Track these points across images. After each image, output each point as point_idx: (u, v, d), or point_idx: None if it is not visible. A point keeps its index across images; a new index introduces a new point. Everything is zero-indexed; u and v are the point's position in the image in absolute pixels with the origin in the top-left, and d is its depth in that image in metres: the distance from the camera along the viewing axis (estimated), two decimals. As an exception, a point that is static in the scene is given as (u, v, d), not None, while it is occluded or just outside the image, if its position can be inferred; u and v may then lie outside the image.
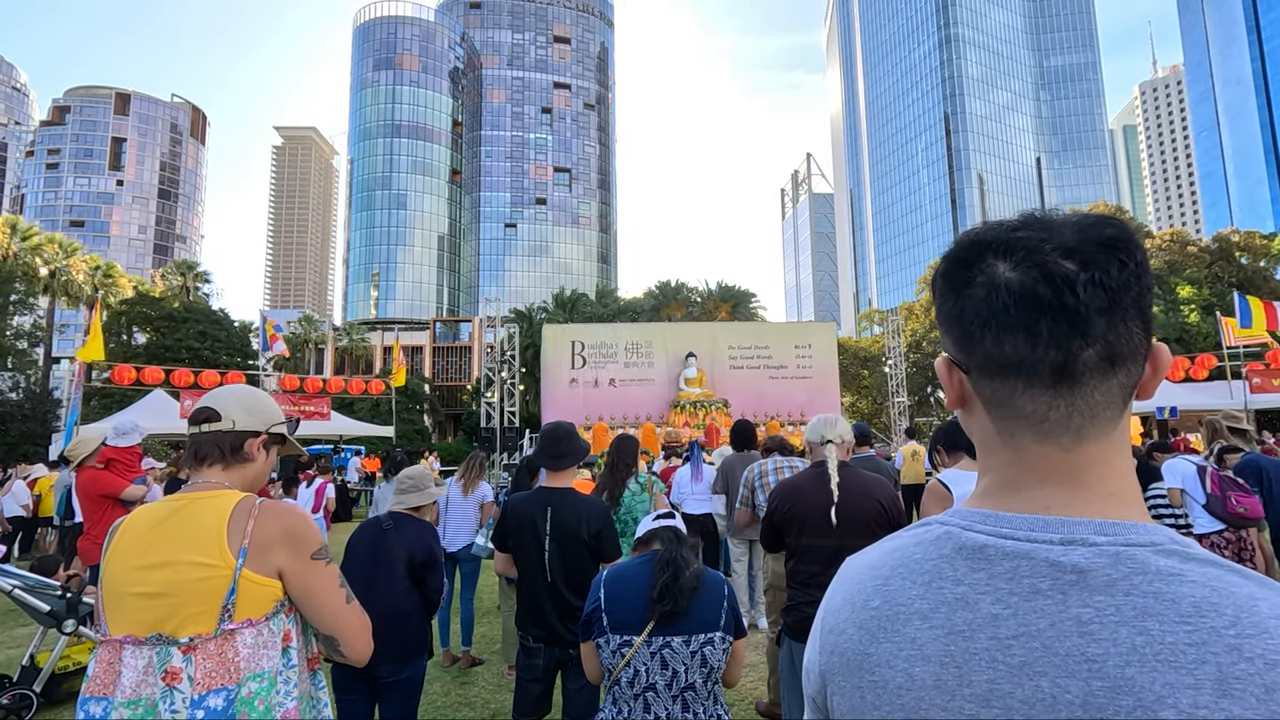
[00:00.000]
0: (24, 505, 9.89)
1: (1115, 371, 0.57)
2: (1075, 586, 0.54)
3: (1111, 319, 0.56)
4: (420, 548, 2.87)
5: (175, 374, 14.31)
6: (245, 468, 1.58)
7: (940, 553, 0.61)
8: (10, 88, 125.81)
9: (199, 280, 55.58)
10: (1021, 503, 0.60)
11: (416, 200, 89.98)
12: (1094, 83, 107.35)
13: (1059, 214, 0.63)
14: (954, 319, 0.63)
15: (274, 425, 1.64)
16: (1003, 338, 0.58)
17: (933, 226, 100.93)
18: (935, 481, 2.84)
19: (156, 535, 1.43)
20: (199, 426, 1.56)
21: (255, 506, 1.47)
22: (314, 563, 1.49)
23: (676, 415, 20.05)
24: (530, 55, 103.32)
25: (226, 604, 1.37)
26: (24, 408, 34.80)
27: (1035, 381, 0.58)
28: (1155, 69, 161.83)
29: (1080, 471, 0.59)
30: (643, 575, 2.11)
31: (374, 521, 2.98)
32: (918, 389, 42.50)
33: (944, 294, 0.64)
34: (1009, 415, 0.61)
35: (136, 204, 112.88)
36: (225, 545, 1.40)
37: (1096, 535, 0.56)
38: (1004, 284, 0.58)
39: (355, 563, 2.84)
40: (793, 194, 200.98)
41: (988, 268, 0.60)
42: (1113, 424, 0.59)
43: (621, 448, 4.25)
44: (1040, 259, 0.57)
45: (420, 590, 2.85)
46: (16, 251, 37.10)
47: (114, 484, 5.11)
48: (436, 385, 61.93)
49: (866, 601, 0.63)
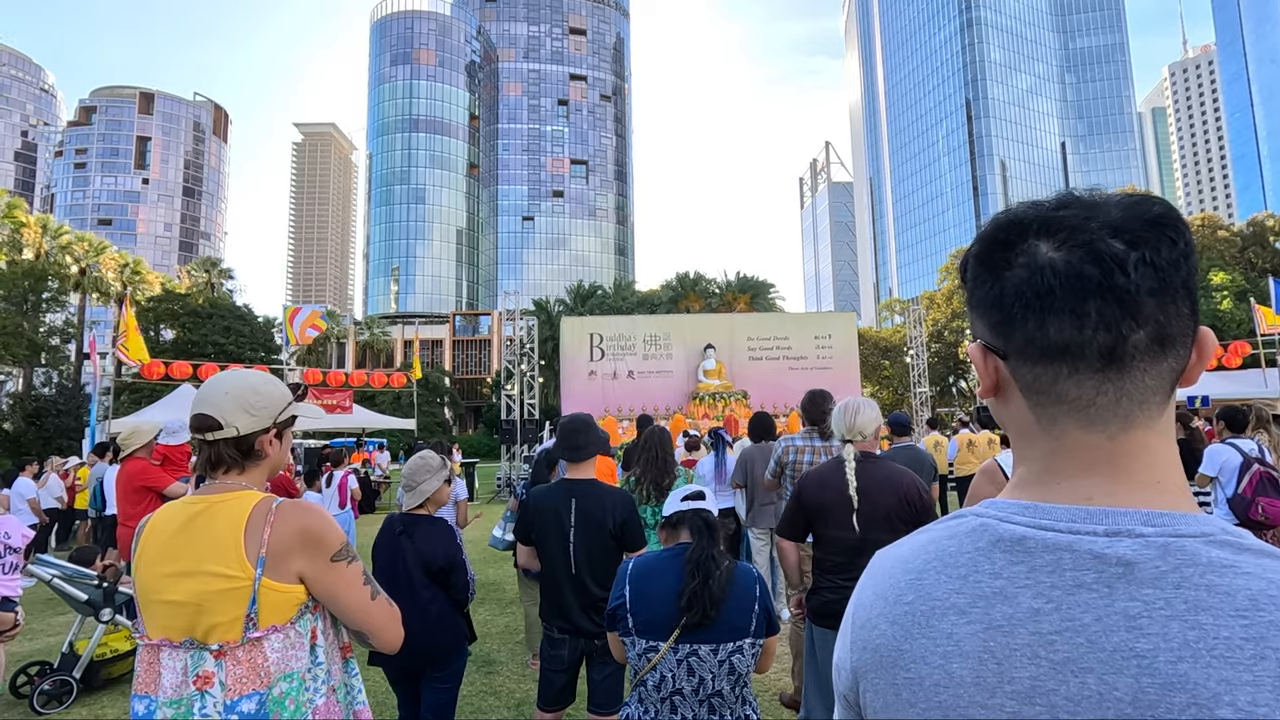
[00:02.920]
0: (58, 497, 10.16)
1: (1165, 355, 0.56)
2: (1122, 579, 0.52)
3: (1162, 300, 0.54)
4: (436, 552, 2.76)
5: (202, 369, 14.61)
6: (261, 463, 1.56)
7: (976, 545, 0.59)
8: (39, 89, 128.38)
9: (223, 277, 56.50)
10: (1062, 493, 0.58)
11: (435, 194, 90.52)
12: (1122, 64, 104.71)
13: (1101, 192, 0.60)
14: (991, 302, 0.60)
15: (280, 415, 1.58)
16: (1047, 320, 0.56)
17: (954, 214, 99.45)
18: (994, 463, 2.81)
19: (179, 541, 1.43)
20: (202, 435, 1.50)
21: (272, 511, 1.44)
22: (334, 565, 1.48)
23: (696, 407, 20.04)
24: (546, 48, 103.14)
25: (249, 614, 1.38)
26: (57, 403, 35.71)
27: (1082, 366, 0.56)
28: (1185, 49, 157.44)
29: (1125, 460, 0.57)
30: (670, 572, 2.05)
31: (389, 525, 2.89)
32: (940, 379, 42.05)
33: (978, 276, 0.62)
34: (1051, 402, 0.59)
35: (162, 202, 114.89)
36: (244, 554, 1.39)
37: (1143, 526, 0.54)
38: (1048, 264, 0.56)
39: (378, 571, 2.77)
40: (811, 183, 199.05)
41: (1029, 248, 0.58)
42: (1160, 409, 0.57)
43: (662, 439, 4.24)
44: (1087, 237, 0.55)
45: (446, 591, 2.79)
46: (48, 250, 37.97)
47: (160, 478, 5.18)
48: (457, 378, 62.51)
49: (900, 596, 0.61)
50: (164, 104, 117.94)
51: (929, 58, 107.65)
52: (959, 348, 40.77)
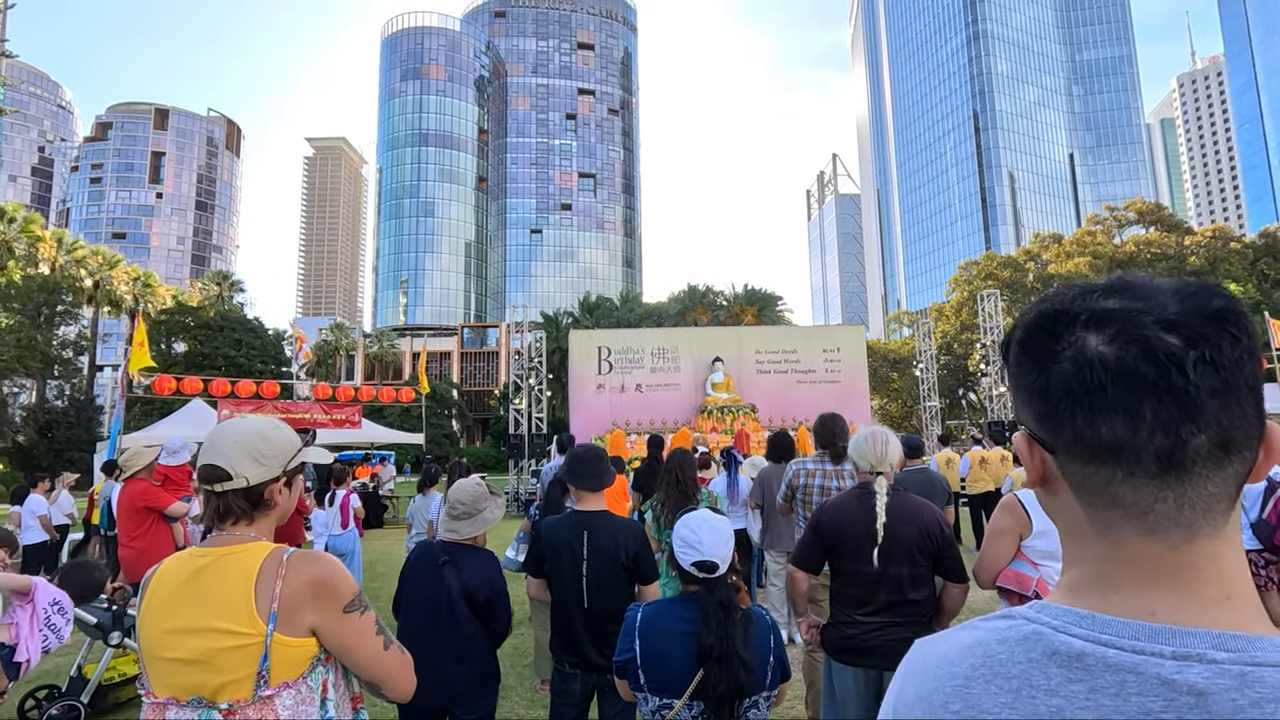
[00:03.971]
0: (68, 514, 10.19)
1: (1230, 459, 0.51)
2: (1194, 710, 0.47)
3: (1225, 401, 0.50)
4: (482, 583, 2.60)
5: (213, 384, 14.67)
6: (271, 513, 1.52)
7: (1030, 656, 0.54)
8: (56, 106, 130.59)
9: (234, 289, 57.01)
10: (1122, 605, 0.54)
11: (444, 208, 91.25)
12: (1129, 76, 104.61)
13: (1153, 280, 0.56)
14: (1037, 393, 0.56)
15: (290, 463, 1.55)
16: (1098, 419, 0.52)
17: (962, 226, 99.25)
18: (1014, 499, 2.73)
19: (185, 595, 1.40)
20: (211, 486, 1.47)
21: (282, 563, 1.41)
22: (347, 616, 1.44)
23: (704, 420, 19.98)
24: (554, 62, 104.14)
25: (260, 670, 1.34)
26: (69, 415, 35.98)
27: (1138, 470, 0.52)
28: (1194, 60, 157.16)
29: (1190, 571, 0.53)
30: (682, 630, 1.96)
31: (428, 552, 2.71)
32: (949, 392, 41.78)
33: (1022, 364, 0.58)
34: (1105, 504, 0.55)
35: (175, 216, 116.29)
36: (254, 610, 1.35)
37: (1216, 650, 0.49)
38: (1098, 359, 0.52)
39: (414, 599, 2.65)
40: (819, 195, 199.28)
41: (1077, 340, 0.54)
42: (1225, 517, 0.53)
43: (683, 462, 4.20)
44: (1140, 333, 0.52)
45: (487, 625, 2.65)
46: (63, 264, 38.43)
47: (161, 498, 5.21)
48: (464, 390, 62.65)
49: (946, 703, 0.56)
50: (178, 119, 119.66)
51: (936, 70, 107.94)
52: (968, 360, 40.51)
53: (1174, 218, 42.53)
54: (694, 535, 2.02)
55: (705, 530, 2.02)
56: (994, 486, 10.64)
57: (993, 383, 22.16)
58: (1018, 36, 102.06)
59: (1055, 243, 43.32)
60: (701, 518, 2.07)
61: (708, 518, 2.07)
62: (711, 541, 2.00)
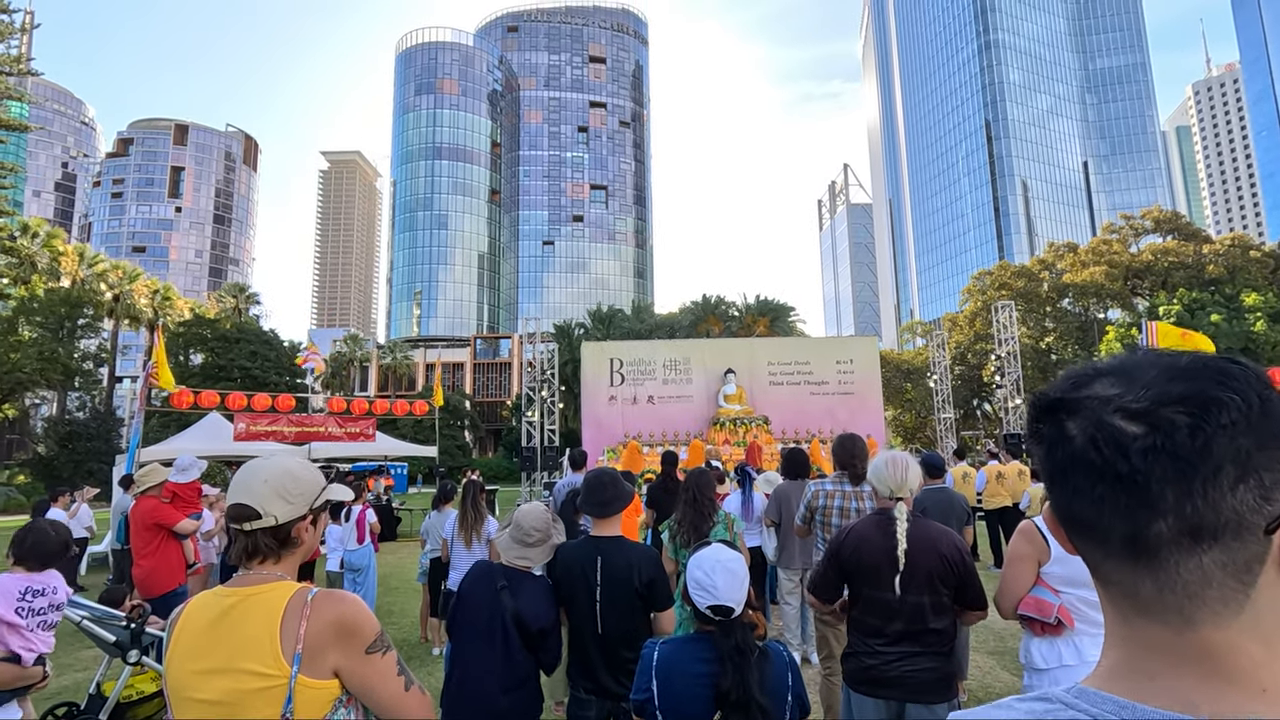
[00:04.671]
0: (87, 527, 10.30)
1: (1201, 547, 0.49)
2: None
3: (1187, 488, 0.48)
4: (538, 614, 2.58)
5: (230, 398, 14.82)
6: (297, 550, 1.55)
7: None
8: (80, 122, 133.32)
9: (249, 302, 57.75)
10: (1158, 694, 0.51)
11: (457, 220, 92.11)
12: (1144, 84, 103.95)
13: (1160, 358, 0.55)
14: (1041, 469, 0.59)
15: (316, 501, 1.57)
16: (1072, 499, 0.54)
17: (976, 235, 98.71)
18: (1031, 525, 2.68)
19: (213, 636, 1.41)
20: (240, 525, 1.49)
21: (307, 604, 1.43)
22: (369, 657, 1.45)
23: (716, 433, 19.91)
24: (566, 75, 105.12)
25: (285, 713, 1.35)
26: (90, 426, 36.46)
27: (1112, 551, 0.53)
28: (1209, 68, 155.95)
29: (1211, 661, 0.50)
30: (700, 672, 1.94)
31: (487, 575, 2.66)
32: (963, 402, 41.39)
33: (1033, 443, 0.60)
34: (1103, 582, 0.56)
35: (193, 229, 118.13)
36: (279, 652, 1.37)
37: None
38: (1062, 441, 0.55)
39: (467, 621, 2.61)
40: (830, 205, 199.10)
41: (1059, 423, 0.56)
42: (1226, 606, 0.50)
43: (701, 481, 4.19)
44: (1099, 418, 0.52)
45: (535, 655, 2.63)
46: (84, 278, 39.10)
47: (170, 515, 5.29)
48: (477, 401, 62.91)
49: None
50: (197, 135, 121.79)
51: (947, 79, 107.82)
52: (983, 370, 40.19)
53: (1191, 226, 42.00)
54: (708, 579, 1.98)
55: (720, 574, 1.98)
56: (1011, 502, 10.48)
57: (1008, 394, 21.91)
58: (1029, 45, 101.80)
59: (1070, 252, 42.93)
60: (714, 559, 2.03)
61: (721, 558, 2.03)
62: (727, 585, 1.97)
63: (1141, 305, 38.98)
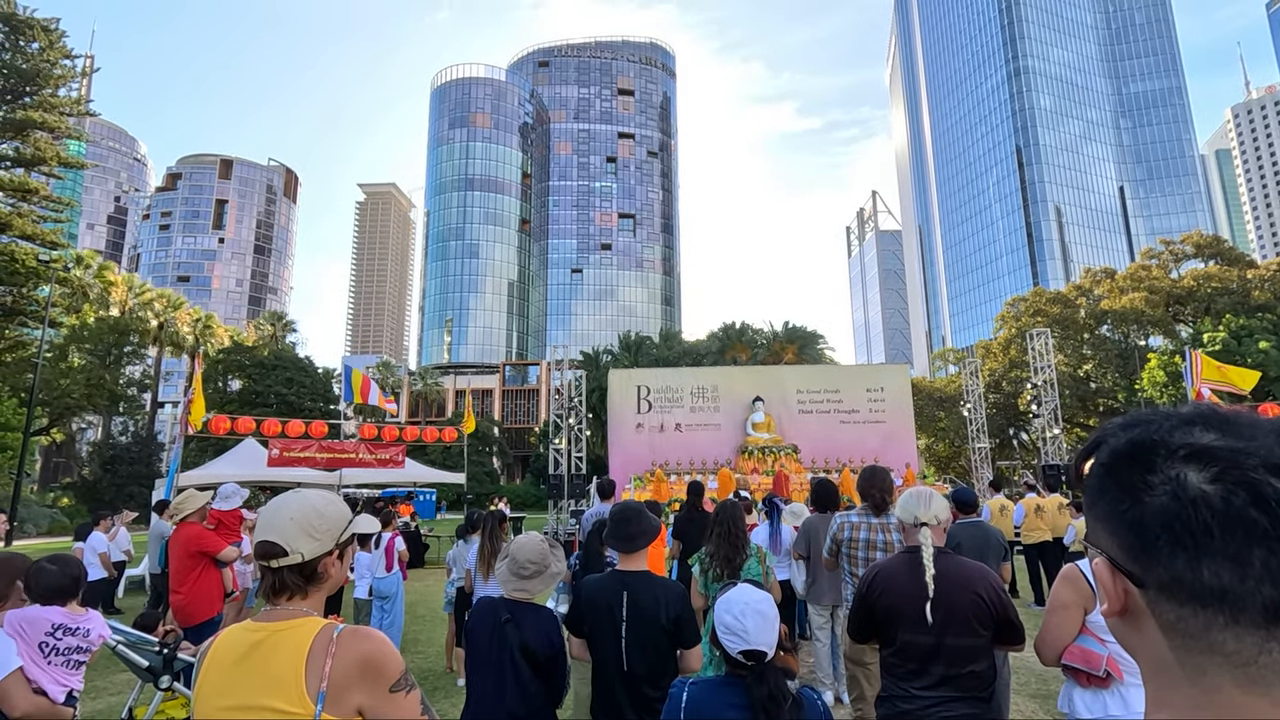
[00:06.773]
0: (125, 551, 10.53)
1: None
2: None
3: None
4: (543, 643, 2.60)
5: (265, 424, 15.15)
6: (323, 585, 1.55)
7: None
8: (132, 159, 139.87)
9: (286, 329, 59.26)
10: None
11: (488, 249, 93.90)
12: (1180, 107, 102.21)
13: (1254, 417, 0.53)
14: (1127, 525, 0.53)
15: (342, 536, 1.58)
16: (1202, 562, 0.49)
17: (1008, 261, 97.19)
18: (1076, 569, 2.55)
19: (240, 672, 1.42)
20: (268, 562, 1.50)
21: (332, 641, 1.43)
22: (393, 696, 1.45)
23: (745, 461, 19.68)
24: (595, 108, 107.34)
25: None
26: (132, 451, 37.52)
27: (1242, 619, 0.48)
28: (1249, 90, 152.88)
29: None
30: (731, 718, 1.89)
31: (491, 611, 2.69)
32: (999, 431, 40.35)
33: (1106, 490, 0.55)
34: (1200, 650, 0.50)
35: (235, 259, 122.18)
36: (304, 689, 1.38)
37: None
38: (1201, 499, 0.49)
39: (477, 659, 2.66)
40: (859, 231, 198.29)
41: (1177, 475, 0.51)
42: None
43: (734, 514, 4.14)
44: (1247, 475, 0.48)
45: (547, 683, 2.64)
46: (132, 306, 40.59)
47: (214, 543, 5.35)
48: (505, 427, 63.30)
49: None
50: (241, 169, 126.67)
51: (976, 106, 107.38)
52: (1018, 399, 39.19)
53: (1235, 250, 40.78)
54: (738, 623, 1.94)
55: (750, 617, 1.93)
56: (1051, 536, 10.12)
57: (1045, 423, 21.30)
58: (1060, 71, 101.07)
59: (1108, 278, 41.96)
60: (744, 601, 1.98)
61: (750, 599, 1.98)
62: (758, 629, 1.92)
63: (1185, 332, 37.77)
